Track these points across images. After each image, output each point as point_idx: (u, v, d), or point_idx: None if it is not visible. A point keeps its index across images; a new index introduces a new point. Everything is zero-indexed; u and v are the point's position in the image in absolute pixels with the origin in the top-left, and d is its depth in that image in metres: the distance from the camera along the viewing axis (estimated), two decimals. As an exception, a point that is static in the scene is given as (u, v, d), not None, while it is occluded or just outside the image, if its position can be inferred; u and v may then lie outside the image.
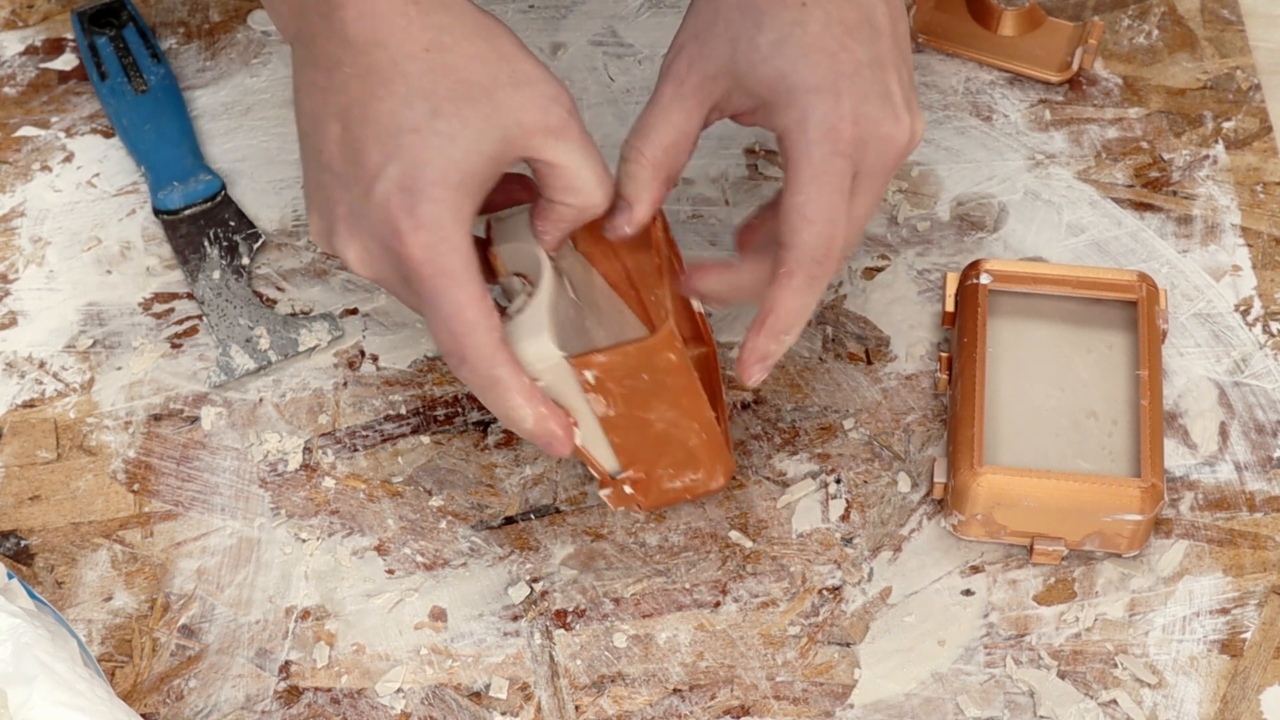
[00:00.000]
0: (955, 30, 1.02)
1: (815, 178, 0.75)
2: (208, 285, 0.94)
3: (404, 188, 0.72)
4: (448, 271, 0.72)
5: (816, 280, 0.76)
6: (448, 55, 0.73)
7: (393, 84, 0.72)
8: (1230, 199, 0.96)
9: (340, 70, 0.73)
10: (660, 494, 0.83)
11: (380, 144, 0.72)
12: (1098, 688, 0.82)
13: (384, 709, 0.82)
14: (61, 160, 0.99)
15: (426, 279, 0.73)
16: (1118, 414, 0.86)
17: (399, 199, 0.72)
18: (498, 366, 0.74)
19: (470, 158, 0.72)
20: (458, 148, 0.72)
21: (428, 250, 0.72)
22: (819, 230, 0.75)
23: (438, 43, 0.73)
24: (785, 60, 0.75)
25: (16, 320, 0.94)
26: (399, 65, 0.72)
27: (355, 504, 0.88)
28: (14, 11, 1.05)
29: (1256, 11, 1.03)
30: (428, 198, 0.72)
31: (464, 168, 0.72)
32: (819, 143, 0.75)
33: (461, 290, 0.73)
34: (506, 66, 0.74)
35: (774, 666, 0.83)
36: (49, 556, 0.86)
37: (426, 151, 0.72)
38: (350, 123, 0.73)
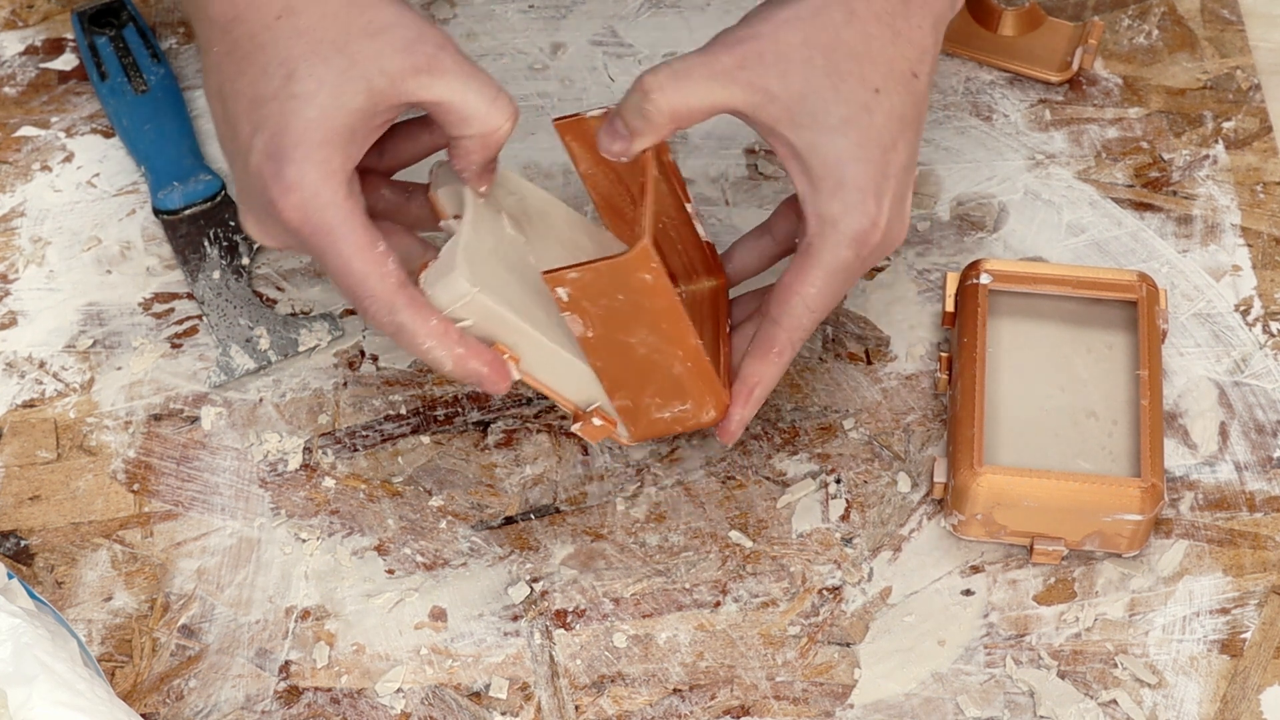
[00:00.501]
0: (955, 30, 1.02)
1: (832, 276, 0.78)
2: (208, 285, 0.94)
3: (270, 155, 0.73)
4: (325, 228, 0.73)
5: (796, 351, 0.81)
6: (299, 19, 0.74)
7: (252, 57, 0.74)
8: (1230, 199, 0.96)
9: (212, 51, 0.76)
10: (648, 424, 0.81)
11: (247, 116, 0.74)
12: (1098, 688, 0.82)
13: (384, 709, 0.82)
14: (61, 160, 0.99)
15: (308, 239, 0.74)
16: (1118, 414, 0.86)
17: (268, 166, 0.73)
18: (398, 313, 0.74)
19: (330, 114, 0.73)
20: (314, 106, 0.73)
21: (300, 211, 0.73)
22: (816, 318, 0.79)
23: (289, 8, 0.74)
24: (848, 143, 0.75)
25: (16, 320, 0.94)
26: (255, 37, 0.74)
27: (355, 504, 0.88)
28: (14, 11, 1.05)
29: (1256, 11, 1.03)
30: (290, 160, 0.73)
31: (325, 125, 0.73)
32: (847, 246, 0.77)
33: (344, 243, 0.73)
34: (361, 18, 0.74)
35: (774, 666, 0.83)
36: (49, 556, 0.86)
37: (285, 116, 0.73)
38: (226, 100, 0.75)
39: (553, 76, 1.01)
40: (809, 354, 0.92)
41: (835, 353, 0.92)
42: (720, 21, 1.02)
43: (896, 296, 0.93)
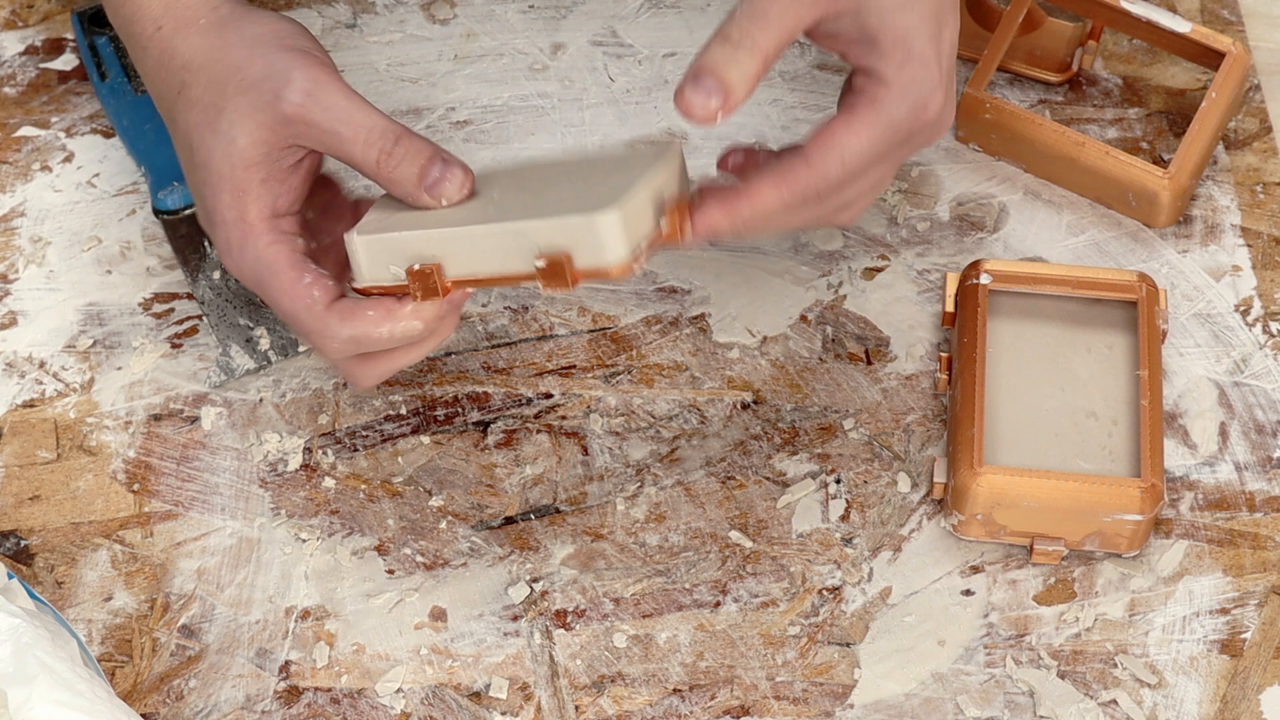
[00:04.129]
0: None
1: (882, 133, 0.75)
2: (208, 285, 0.94)
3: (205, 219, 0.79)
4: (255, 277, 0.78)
5: (803, 206, 0.76)
6: (191, 91, 0.79)
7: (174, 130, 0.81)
8: (1230, 199, 0.96)
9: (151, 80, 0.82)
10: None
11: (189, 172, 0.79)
12: (1098, 688, 0.82)
13: (384, 709, 0.82)
14: (61, 160, 0.99)
15: (251, 287, 0.78)
16: (1118, 414, 0.86)
17: (209, 229, 0.79)
18: (339, 331, 0.76)
19: (227, 173, 0.77)
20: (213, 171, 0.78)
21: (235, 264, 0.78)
22: (848, 173, 0.75)
23: (183, 83, 0.79)
24: (912, 20, 0.74)
25: (16, 320, 0.94)
26: (170, 113, 0.80)
27: (355, 504, 0.88)
28: (14, 11, 1.05)
29: (1256, 11, 1.03)
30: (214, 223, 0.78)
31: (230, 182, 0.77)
32: (907, 108, 0.75)
33: (271, 289, 0.77)
34: (234, 79, 0.77)
35: (774, 666, 0.83)
36: (49, 556, 0.86)
37: (199, 185, 0.78)
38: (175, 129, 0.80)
39: (553, 76, 1.01)
40: (809, 354, 0.92)
41: (835, 353, 0.92)
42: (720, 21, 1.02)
43: (896, 296, 0.93)
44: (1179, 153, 0.93)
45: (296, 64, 0.77)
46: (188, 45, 0.79)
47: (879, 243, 0.95)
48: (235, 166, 0.77)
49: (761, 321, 0.92)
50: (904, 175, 0.97)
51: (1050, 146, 0.95)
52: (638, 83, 1.01)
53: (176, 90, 0.79)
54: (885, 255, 0.95)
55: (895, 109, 0.75)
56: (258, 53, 0.78)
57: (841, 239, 0.95)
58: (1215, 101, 0.94)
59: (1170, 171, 0.93)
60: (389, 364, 0.79)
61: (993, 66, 0.96)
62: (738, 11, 0.75)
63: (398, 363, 0.79)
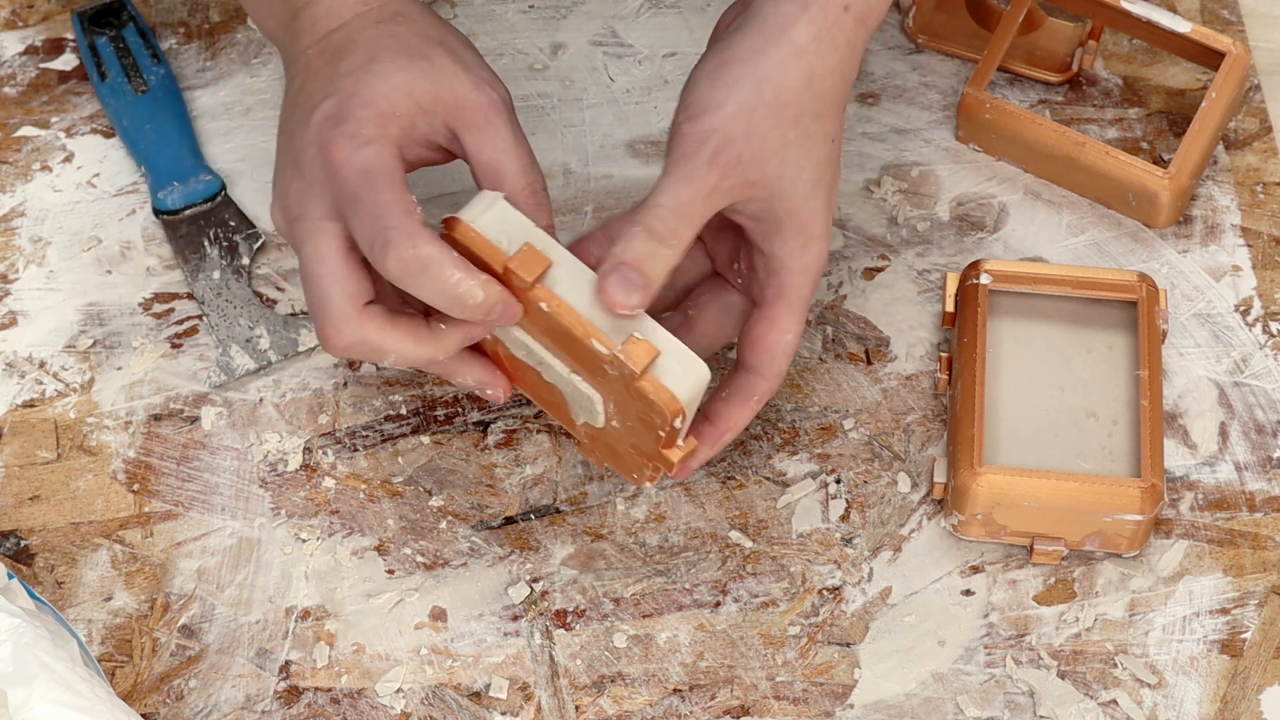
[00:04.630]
0: (955, 30, 1.02)
1: (799, 314, 0.79)
2: (208, 285, 0.94)
3: (333, 112, 0.76)
4: (366, 167, 0.74)
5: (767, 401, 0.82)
6: (396, 26, 0.78)
7: (343, 49, 0.78)
8: (1230, 199, 0.96)
9: (305, 56, 0.79)
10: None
11: (321, 89, 0.77)
12: (1098, 688, 0.82)
13: (384, 709, 0.82)
14: (61, 160, 0.99)
15: (346, 179, 0.75)
16: (1118, 414, 0.86)
17: (328, 121, 0.76)
18: (423, 244, 0.73)
19: (397, 94, 0.76)
20: (387, 83, 0.76)
21: (348, 151, 0.75)
22: (790, 358, 0.80)
23: (391, 17, 0.79)
24: (818, 204, 0.78)
25: (16, 320, 0.94)
26: (352, 37, 0.78)
27: (355, 504, 0.88)
28: (14, 11, 1.05)
29: (1256, 11, 1.03)
30: (353, 116, 0.75)
31: (391, 100, 0.76)
32: (810, 284, 0.79)
33: (381, 184, 0.74)
34: (447, 49, 0.78)
35: (774, 666, 0.83)
36: (49, 556, 0.87)
37: (357, 85, 0.76)
38: (304, 89, 0.78)
39: (553, 76, 1.01)
40: (809, 354, 0.92)
41: (835, 353, 0.92)
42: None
43: (896, 296, 0.93)
44: (1179, 153, 0.93)
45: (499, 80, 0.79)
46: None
47: (879, 243, 0.95)
48: (410, 96, 0.76)
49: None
50: (904, 175, 0.97)
51: (1050, 146, 0.95)
52: (638, 83, 1.01)
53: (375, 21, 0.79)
54: (885, 255, 0.95)
55: (803, 290, 0.79)
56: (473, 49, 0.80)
57: (842, 239, 0.95)
58: (1215, 101, 0.94)
59: (1170, 171, 0.93)
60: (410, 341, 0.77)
61: (993, 66, 0.96)
62: (660, 201, 0.75)
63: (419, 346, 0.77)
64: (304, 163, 0.76)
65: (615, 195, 0.97)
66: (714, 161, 0.75)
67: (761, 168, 0.76)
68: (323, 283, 0.76)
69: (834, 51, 0.77)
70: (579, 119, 1.00)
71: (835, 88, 0.77)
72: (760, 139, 0.75)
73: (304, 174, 0.76)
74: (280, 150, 0.79)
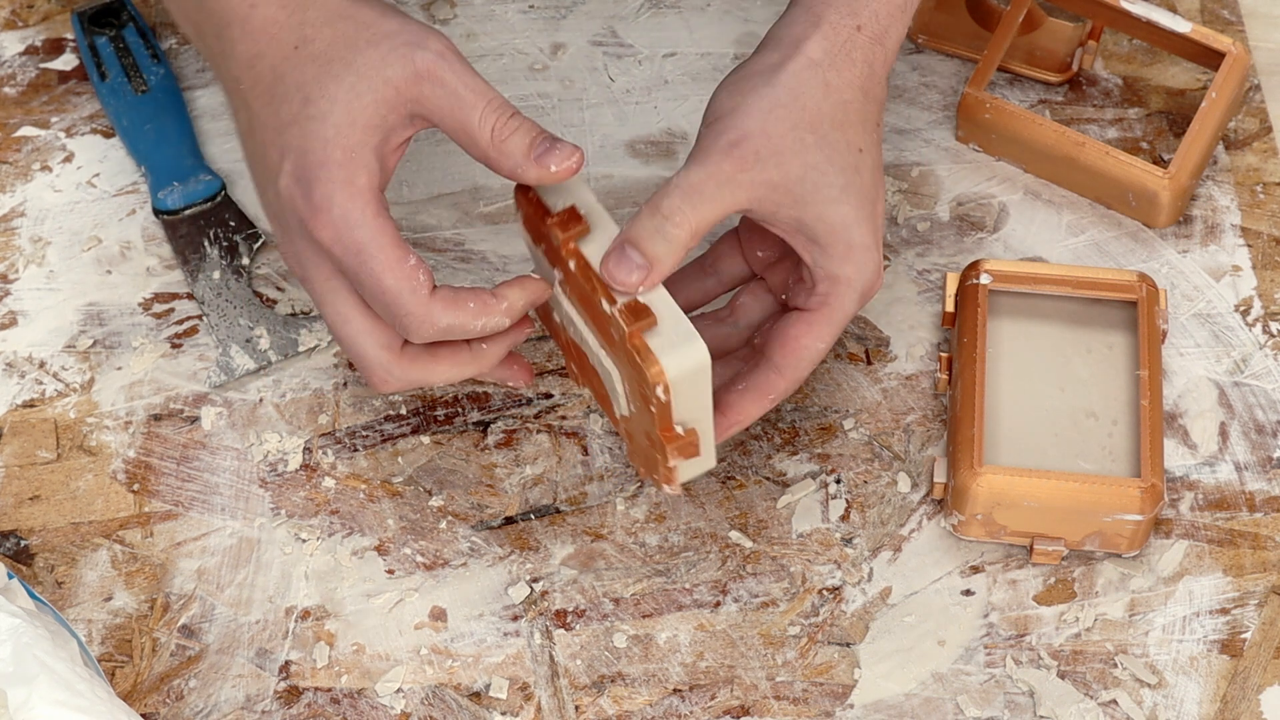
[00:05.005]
0: (955, 30, 1.02)
1: (836, 327, 0.79)
2: (208, 285, 0.94)
3: (297, 178, 0.74)
4: (355, 247, 0.74)
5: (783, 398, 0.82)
6: (313, 45, 0.75)
7: (273, 88, 0.76)
8: (1230, 199, 0.96)
9: (239, 89, 0.77)
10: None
11: (274, 144, 0.75)
12: (1098, 688, 0.82)
13: (384, 709, 0.82)
14: (61, 160, 0.99)
15: (340, 258, 0.74)
16: (1118, 414, 0.86)
17: (296, 190, 0.74)
18: (439, 319, 0.75)
19: (345, 131, 0.74)
20: (330, 125, 0.74)
21: (331, 230, 0.74)
22: (812, 367, 0.80)
23: (303, 37, 0.76)
24: (849, 207, 0.77)
25: (16, 320, 0.94)
26: (276, 69, 0.76)
27: (355, 504, 0.88)
28: (14, 11, 1.05)
29: (1256, 11, 1.03)
30: (316, 181, 0.74)
31: (343, 143, 0.74)
32: (855, 297, 0.79)
33: (374, 261, 0.74)
34: (365, 32, 0.75)
35: (774, 666, 0.83)
36: (49, 556, 0.87)
37: (305, 138, 0.74)
38: (254, 131, 0.77)
39: (553, 76, 1.01)
40: (809, 354, 0.92)
41: (835, 353, 0.92)
42: (720, 22, 1.03)
43: (896, 296, 0.93)
44: (1179, 153, 0.93)
45: (429, 30, 0.76)
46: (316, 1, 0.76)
47: (879, 243, 0.95)
48: (355, 124, 0.74)
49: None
50: (904, 175, 0.97)
51: (1050, 146, 0.95)
52: (638, 83, 1.01)
53: (293, 45, 0.76)
54: (885, 255, 0.95)
55: (847, 303, 0.79)
56: (390, 13, 0.76)
57: (841, 239, 0.95)
58: (1215, 101, 0.94)
59: (1170, 171, 0.93)
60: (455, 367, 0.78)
61: (993, 66, 0.96)
62: (672, 183, 0.76)
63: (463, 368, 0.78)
64: (290, 228, 0.76)
65: (615, 195, 0.97)
66: (729, 152, 0.76)
67: (782, 167, 0.76)
68: (354, 341, 0.77)
69: (850, 66, 0.78)
70: (579, 119, 1.00)
71: (856, 100, 0.78)
72: (778, 138, 0.76)
73: (294, 239, 0.76)
74: (260, 198, 0.78)
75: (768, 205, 0.77)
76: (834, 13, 0.79)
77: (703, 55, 1.01)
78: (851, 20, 0.78)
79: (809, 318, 0.79)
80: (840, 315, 0.79)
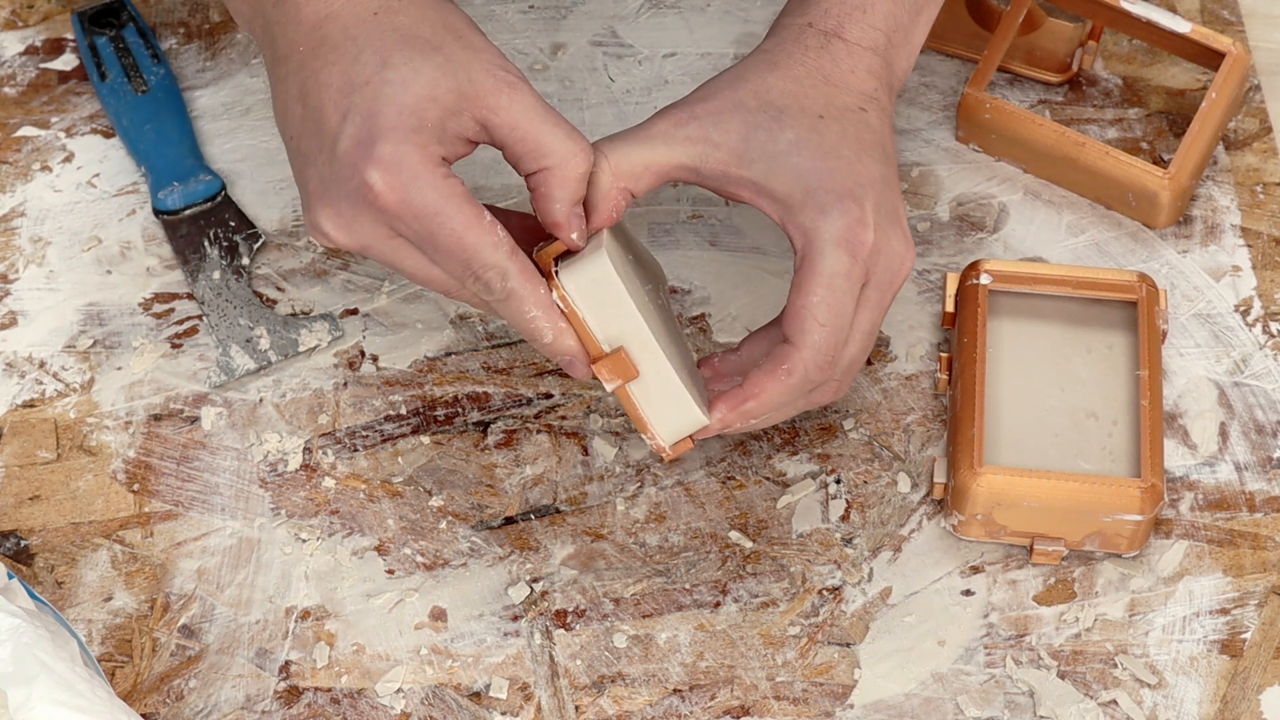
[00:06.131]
0: (955, 30, 1.02)
1: (830, 281, 0.75)
2: (208, 285, 0.94)
3: (363, 139, 0.72)
4: (430, 208, 0.73)
5: (811, 385, 0.77)
6: (397, 16, 0.74)
7: (343, 48, 0.73)
8: (1230, 199, 0.96)
9: (296, 53, 0.75)
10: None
11: (335, 106, 0.73)
12: (1098, 688, 0.82)
13: (384, 709, 0.82)
14: (61, 160, 0.99)
15: (410, 221, 0.73)
16: (1118, 414, 0.86)
17: (360, 151, 0.72)
18: (510, 278, 0.74)
19: (424, 104, 0.72)
20: (410, 93, 0.72)
21: (400, 192, 0.72)
22: (830, 334, 0.76)
23: (386, 6, 0.74)
24: (804, 159, 0.76)
25: (16, 320, 0.94)
26: (349, 30, 0.74)
27: (355, 504, 0.88)
28: (14, 11, 1.05)
29: (1256, 11, 1.03)
30: (387, 141, 0.72)
31: (419, 112, 0.72)
32: (839, 246, 0.75)
33: (453, 220, 0.73)
34: (454, 34, 0.74)
35: (774, 666, 0.83)
36: (49, 556, 0.87)
37: (379, 101, 0.72)
38: (308, 96, 0.74)
39: (553, 77, 1.01)
40: (809, 354, 0.92)
41: (835, 353, 0.92)
42: (720, 22, 1.03)
43: (897, 297, 0.93)
44: (1179, 153, 0.93)
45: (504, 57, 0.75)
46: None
47: (879, 243, 0.95)
48: (436, 101, 0.72)
49: (761, 321, 0.92)
50: (904, 176, 0.97)
51: (1050, 146, 0.95)
52: (638, 83, 1.01)
53: (372, 11, 0.74)
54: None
55: (829, 257, 0.75)
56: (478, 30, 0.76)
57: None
58: (1215, 101, 0.94)
59: (1170, 171, 0.93)
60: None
61: (993, 66, 0.96)
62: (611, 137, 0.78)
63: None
64: (343, 195, 0.74)
65: (615, 195, 0.97)
66: (665, 114, 0.78)
67: (721, 127, 0.76)
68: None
69: (802, 53, 0.79)
70: (579, 119, 1.00)
71: (810, 79, 0.78)
72: (717, 103, 0.77)
73: (346, 205, 0.74)
74: (301, 170, 0.76)
75: (712, 164, 0.77)
76: (787, 16, 0.81)
77: (703, 55, 1.01)
78: (802, 19, 0.80)
79: (797, 279, 0.76)
80: (826, 270, 0.75)
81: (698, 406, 0.78)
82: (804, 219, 0.76)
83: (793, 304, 0.76)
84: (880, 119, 0.79)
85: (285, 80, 0.76)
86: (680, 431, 0.79)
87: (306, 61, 0.75)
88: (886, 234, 0.76)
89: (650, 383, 0.77)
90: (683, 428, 0.78)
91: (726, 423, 0.78)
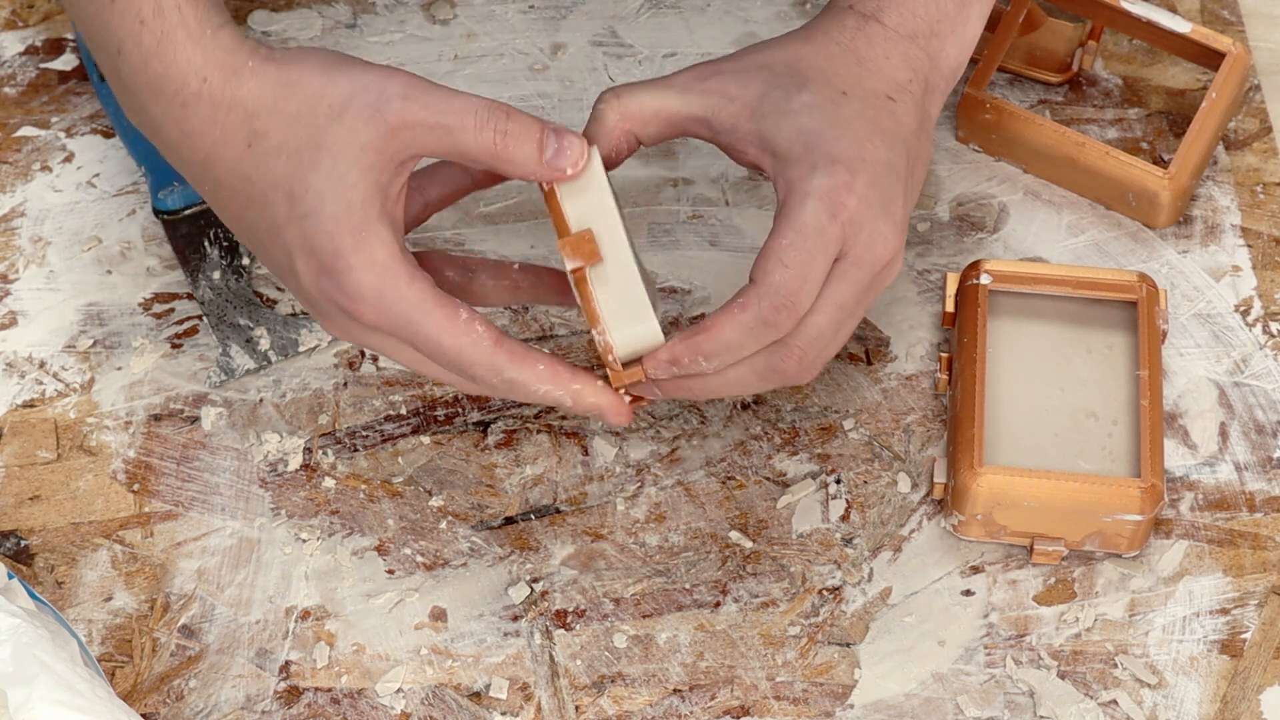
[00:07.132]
0: (955, 30, 1.02)
1: (803, 230, 0.73)
2: (208, 285, 0.94)
3: (321, 273, 0.72)
4: (404, 321, 0.72)
5: (766, 327, 0.74)
6: (268, 140, 0.72)
7: (243, 191, 0.73)
8: (1230, 199, 0.96)
9: (203, 189, 0.76)
10: None
11: (275, 245, 0.73)
12: (1098, 688, 0.82)
13: (384, 709, 0.82)
14: (61, 160, 0.99)
15: (392, 334, 0.73)
16: (1118, 414, 0.86)
17: (325, 283, 0.72)
18: (504, 371, 0.74)
19: (344, 216, 0.71)
20: (327, 218, 0.71)
21: (375, 314, 0.72)
22: (791, 276, 0.73)
23: (252, 132, 0.72)
24: (812, 121, 0.75)
25: (16, 320, 0.94)
26: (235, 171, 0.73)
27: (355, 504, 0.88)
28: (14, 11, 1.05)
29: (1256, 11, 1.03)
30: (340, 272, 0.72)
31: (348, 227, 0.71)
32: (819, 200, 0.73)
33: (426, 328, 0.73)
34: (320, 107, 0.72)
35: (774, 666, 0.83)
36: (49, 556, 0.87)
37: (307, 237, 0.72)
38: (244, 232, 0.75)
39: (553, 77, 1.01)
40: (809, 354, 0.91)
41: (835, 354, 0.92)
42: (720, 22, 1.03)
43: (896, 296, 0.93)
44: (1179, 153, 0.93)
45: (377, 73, 0.72)
46: (246, 90, 0.72)
47: (879, 243, 0.95)
48: (353, 205, 0.71)
49: (761, 321, 0.92)
50: (904, 175, 0.97)
51: (1050, 146, 0.95)
52: (638, 83, 1.01)
53: (244, 144, 0.72)
54: (885, 255, 0.95)
55: (807, 211, 0.73)
56: (334, 75, 0.72)
57: (841, 239, 0.95)
58: (1215, 102, 0.94)
59: (1170, 172, 0.93)
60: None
61: (993, 66, 0.96)
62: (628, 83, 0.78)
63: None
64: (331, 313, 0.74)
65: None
66: (691, 70, 0.78)
67: (743, 83, 0.76)
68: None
69: (840, 33, 0.78)
70: (579, 119, 0.99)
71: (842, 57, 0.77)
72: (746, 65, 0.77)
73: (339, 321, 0.74)
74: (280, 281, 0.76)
75: (724, 117, 0.76)
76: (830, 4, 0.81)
77: (703, 55, 1.01)
78: (844, 1, 0.79)
79: (772, 228, 0.74)
80: (799, 220, 0.73)
81: (655, 320, 0.75)
82: (793, 172, 0.75)
83: (764, 246, 0.74)
84: (909, 113, 0.78)
85: (212, 206, 0.76)
86: (634, 342, 0.75)
87: (218, 200, 0.75)
88: (872, 211, 0.74)
89: (611, 279, 0.75)
90: (636, 338, 0.75)
91: (677, 355, 0.75)
